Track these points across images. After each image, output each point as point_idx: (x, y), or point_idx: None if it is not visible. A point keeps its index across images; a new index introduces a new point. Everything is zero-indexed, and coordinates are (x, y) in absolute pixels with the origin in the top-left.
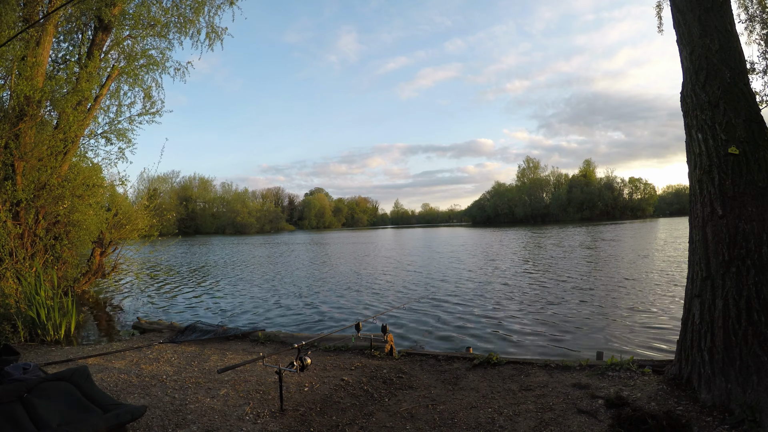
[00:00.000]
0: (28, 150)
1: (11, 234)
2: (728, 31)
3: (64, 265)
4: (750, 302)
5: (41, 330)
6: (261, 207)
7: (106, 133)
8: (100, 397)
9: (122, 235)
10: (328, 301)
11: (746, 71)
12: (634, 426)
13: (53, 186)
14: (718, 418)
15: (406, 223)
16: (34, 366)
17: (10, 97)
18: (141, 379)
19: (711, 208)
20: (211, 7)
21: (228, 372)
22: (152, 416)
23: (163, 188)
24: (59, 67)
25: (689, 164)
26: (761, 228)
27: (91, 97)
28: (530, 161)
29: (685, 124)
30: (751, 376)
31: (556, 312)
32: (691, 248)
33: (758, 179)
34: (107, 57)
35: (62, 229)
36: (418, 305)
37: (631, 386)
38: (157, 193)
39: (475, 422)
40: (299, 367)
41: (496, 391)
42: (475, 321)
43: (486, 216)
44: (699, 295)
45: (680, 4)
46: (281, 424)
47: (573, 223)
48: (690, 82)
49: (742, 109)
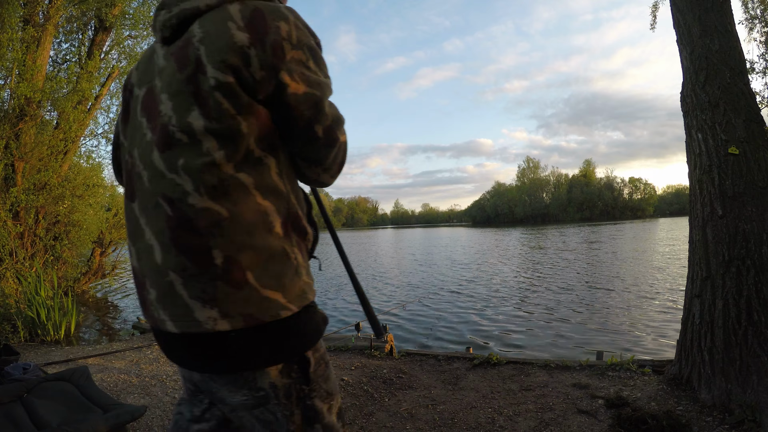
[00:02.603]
0: (28, 150)
1: (11, 234)
2: (728, 31)
3: (64, 265)
4: (750, 302)
5: (41, 330)
6: None
7: (106, 132)
8: (100, 397)
9: (122, 235)
10: (328, 302)
11: (746, 71)
12: (634, 426)
13: (53, 186)
14: (718, 418)
15: (406, 223)
16: (34, 366)
17: (11, 98)
18: (141, 379)
19: (711, 208)
20: None
21: None
22: (152, 416)
23: None
24: (60, 67)
25: (689, 164)
26: (761, 228)
27: (92, 97)
28: (530, 161)
29: (684, 124)
30: (751, 376)
31: (556, 312)
32: (691, 248)
33: (758, 179)
34: (108, 57)
35: (62, 229)
36: (418, 305)
37: (631, 386)
38: None
39: (475, 422)
40: None
41: (496, 391)
42: (475, 321)
43: (486, 216)
44: (699, 295)
45: (680, 4)
46: None
47: (573, 223)
48: (690, 82)
49: (742, 109)
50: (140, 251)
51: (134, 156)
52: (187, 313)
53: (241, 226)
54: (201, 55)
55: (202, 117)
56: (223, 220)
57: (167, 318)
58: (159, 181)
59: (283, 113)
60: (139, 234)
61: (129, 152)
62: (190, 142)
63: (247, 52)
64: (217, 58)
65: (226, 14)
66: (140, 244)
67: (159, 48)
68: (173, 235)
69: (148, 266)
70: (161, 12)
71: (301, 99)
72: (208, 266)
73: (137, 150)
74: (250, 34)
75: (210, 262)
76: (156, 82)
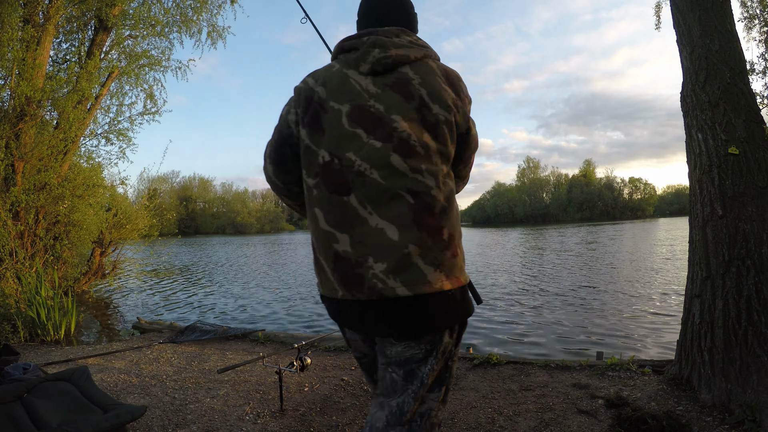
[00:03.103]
0: (28, 150)
1: (11, 234)
2: (728, 31)
3: (64, 265)
4: (750, 302)
5: (41, 330)
6: (261, 207)
7: (106, 132)
8: (100, 397)
9: (122, 235)
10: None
11: (746, 71)
12: (634, 426)
13: (53, 186)
14: (718, 418)
15: None
16: (34, 366)
17: (11, 98)
18: (141, 379)
19: (711, 208)
20: (212, 6)
21: (228, 372)
22: (152, 416)
23: (163, 188)
24: (60, 67)
25: (689, 164)
26: (761, 228)
27: (92, 97)
28: (530, 161)
29: (685, 124)
30: (751, 376)
31: (555, 312)
32: (691, 248)
33: (758, 179)
34: (108, 57)
35: (62, 229)
36: None
37: (631, 386)
38: (157, 193)
39: (475, 422)
40: (299, 367)
41: (496, 391)
42: (475, 321)
43: (486, 216)
44: (699, 295)
45: (680, 4)
46: (281, 424)
47: (573, 223)
48: (690, 82)
49: (742, 109)
50: (362, 235)
51: (348, 158)
52: (421, 278)
53: (453, 214)
54: (423, 95)
55: (433, 140)
56: (446, 208)
57: (399, 284)
58: (401, 179)
59: (463, 147)
60: (357, 222)
61: (335, 154)
62: (426, 154)
63: (456, 103)
64: (439, 102)
65: (430, 69)
66: (361, 229)
67: (356, 74)
68: (416, 218)
69: (377, 245)
70: (374, 50)
71: (475, 138)
72: (440, 240)
73: (354, 153)
74: (452, 90)
75: (441, 237)
76: (371, 102)
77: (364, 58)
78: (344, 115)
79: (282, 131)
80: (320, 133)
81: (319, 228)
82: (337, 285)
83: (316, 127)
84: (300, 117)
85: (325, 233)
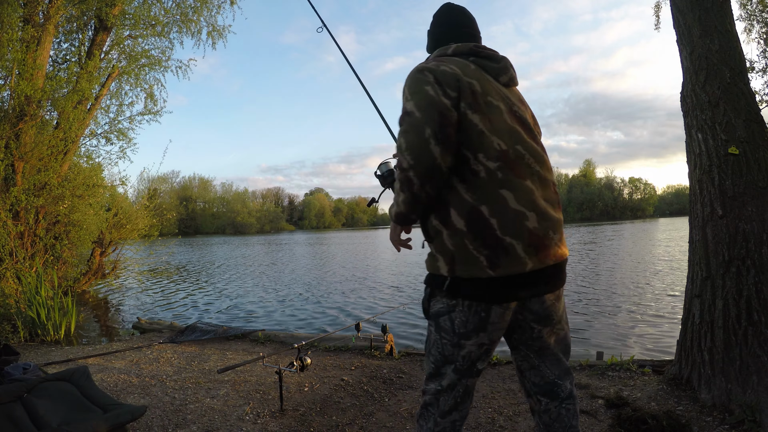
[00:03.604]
0: (28, 150)
1: (11, 234)
2: (728, 31)
3: (64, 265)
4: (750, 302)
5: (41, 330)
6: (261, 207)
7: (106, 132)
8: (100, 397)
9: (122, 235)
10: (329, 301)
11: (746, 71)
12: (634, 426)
13: (53, 186)
14: (718, 418)
15: None
16: (34, 366)
17: (11, 97)
18: (141, 379)
19: (711, 208)
20: (212, 6)
21: (228, 372)
22: (152, 416)
23: (163, 188)
24: (60, 67)
25: (689, 164)
26: (761, 228)
27: (92, 97)
28: None
29: (685, 124)
30: (751, 376)
31: None
32: (691, 248)
33: (758, 179)
34: (108, 57)
35: (62, 229)
36: (418, 305)
37: (631, 386)
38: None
39: (475, 422)
40: (299, 367)
41: (496, 391)
42: None
43: None
44: (699, 295)
45: (680, 4)
46: (281, 424)
47: (573, 223)
48: (690, 82)
49: (742, 109)
50: (541, 213)
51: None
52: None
53: None
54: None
55: None
56: None
57: (565, 252)
58: (549, 173)
59: None
60: (536, 202)
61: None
62: None
63: None
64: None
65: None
66: (539, 209)
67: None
68: (558, 201)
69: (551, 220)
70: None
71: None
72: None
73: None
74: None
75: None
76: (516, 108)
77: (505, 72)
78: (504, 112)
79: (442, 112)
80: (488, 122)
81: (509, 207)
82: (528, 258)
83: (484, 115)
84: (461, 101)
85: (516, 212)
